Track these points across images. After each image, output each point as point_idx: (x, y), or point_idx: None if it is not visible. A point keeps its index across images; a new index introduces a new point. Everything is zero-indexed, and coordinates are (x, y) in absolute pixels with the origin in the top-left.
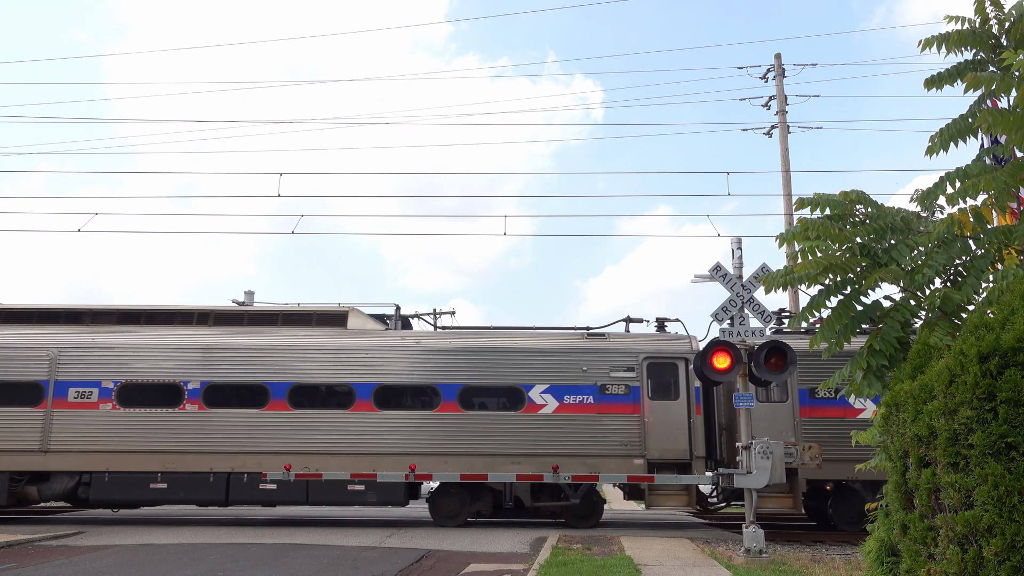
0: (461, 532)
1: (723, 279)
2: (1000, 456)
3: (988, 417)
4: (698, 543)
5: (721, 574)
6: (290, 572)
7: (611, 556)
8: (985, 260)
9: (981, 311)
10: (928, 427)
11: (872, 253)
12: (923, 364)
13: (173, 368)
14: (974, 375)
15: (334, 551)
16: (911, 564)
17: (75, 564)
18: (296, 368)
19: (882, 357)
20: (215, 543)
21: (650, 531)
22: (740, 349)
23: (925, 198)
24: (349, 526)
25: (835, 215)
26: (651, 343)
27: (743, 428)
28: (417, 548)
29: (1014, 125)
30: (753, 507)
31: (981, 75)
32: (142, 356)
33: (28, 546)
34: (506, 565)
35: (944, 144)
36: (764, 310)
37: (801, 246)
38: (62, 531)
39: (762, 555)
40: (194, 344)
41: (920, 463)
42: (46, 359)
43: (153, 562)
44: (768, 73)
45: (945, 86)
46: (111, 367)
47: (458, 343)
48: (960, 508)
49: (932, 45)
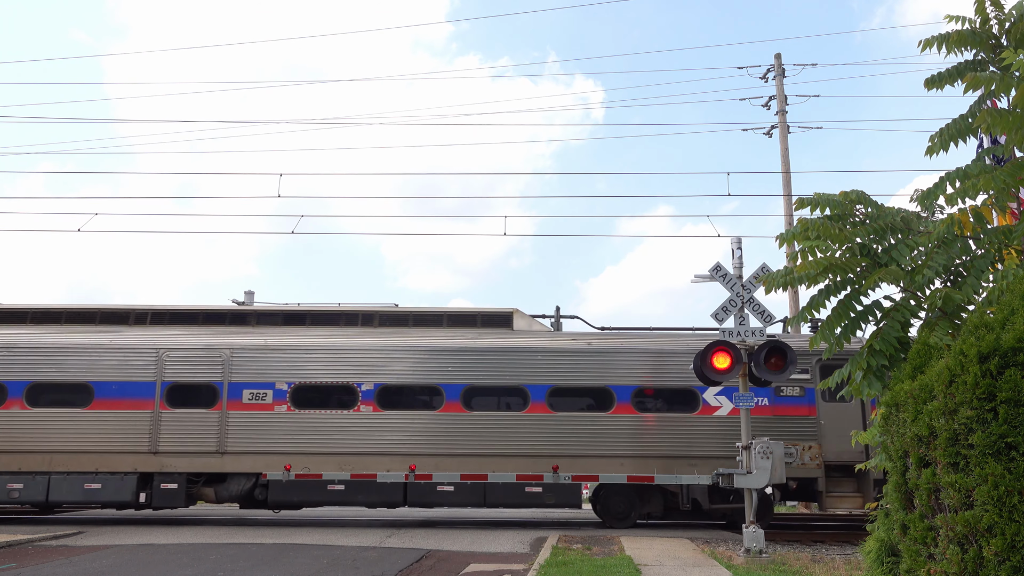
0: (461, 532)
1: (723, 279)
2: (1000, 456)
3: (988, 417)
4: (698, 543)
5: (721, 574)
6: (290, 572)
7: (611, 556)
8: (985, 260)
9: (981, 311)
10: (928, 427)
11: (872, 253)
12: (923, 364)
13: (346, 369)
14: (974, 375)
15: (334, 551)
16: (911, 564)
17: (75, 564)
18: (468, 370)
19: (882, 357)
20: (215, 543)
21: (650, 531)
22: (740, 349)
23: (925, 198)
24: (349, 526)
25: (835, 215)
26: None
27: (743, 428)
28: (417, 548)
29: (1014, 125)
30: (753, 507)
31: (981, 75)
32: (314, 358)
33: (28, 546)
34: (506, 565)
35: (944, 144)
36: (764, 310)
37: (801, 246)
38: (62, 531)
39: (762, 555)
40: (364, 345)
41: (920, 463)
42: (219, 361)
43: (153, 562)
44: (768, 73)
45: (945, 86)
46: (284, 368)
47: (630, 344)
48: (960, 508)
49: (932, 45)
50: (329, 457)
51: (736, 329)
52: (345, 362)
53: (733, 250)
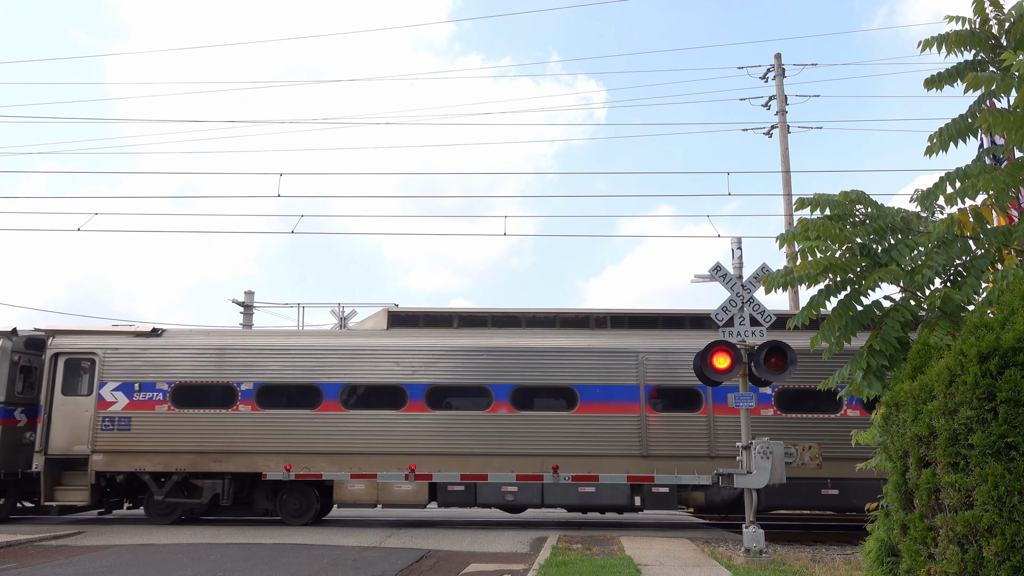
0: (461, 532)
1: (723, 279)
2: (1000, 456)
3: (988, 417)
4: (698, 543)
5: (721, 574)
6: (290, 572)
7: (611, 556)
8: (985, 260)
9: (981, 311)
10: (928, 427)
11: (872, 253)
12: (923, 364)
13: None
14: (974, 375)
15: (334, 551)
16: (911, 564)
17: (75, 564)
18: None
19: (882, 357)
20: (215, 543)
21: (650, 531)
22: (740, 349)
23: (925, 198)
24: (349, 526)
25: (835, 215)
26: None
27: (743, 428)
28: (417, 548)
29: (1014, 125)
30: (753, 507)
31: (981, 76)
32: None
33: (28, 546)
34: (506, 565)
35: (944, 144)
36: (764, 310)
37: (801, 246)
38: (62, 531)
39: (762, 555)
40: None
41: (920, 463)
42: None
43: (153, 562)
44: (768, 73)
45: (945, 86)
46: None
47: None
48: (960, 508)
49: (932, 45)
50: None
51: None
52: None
53: (733, 250)
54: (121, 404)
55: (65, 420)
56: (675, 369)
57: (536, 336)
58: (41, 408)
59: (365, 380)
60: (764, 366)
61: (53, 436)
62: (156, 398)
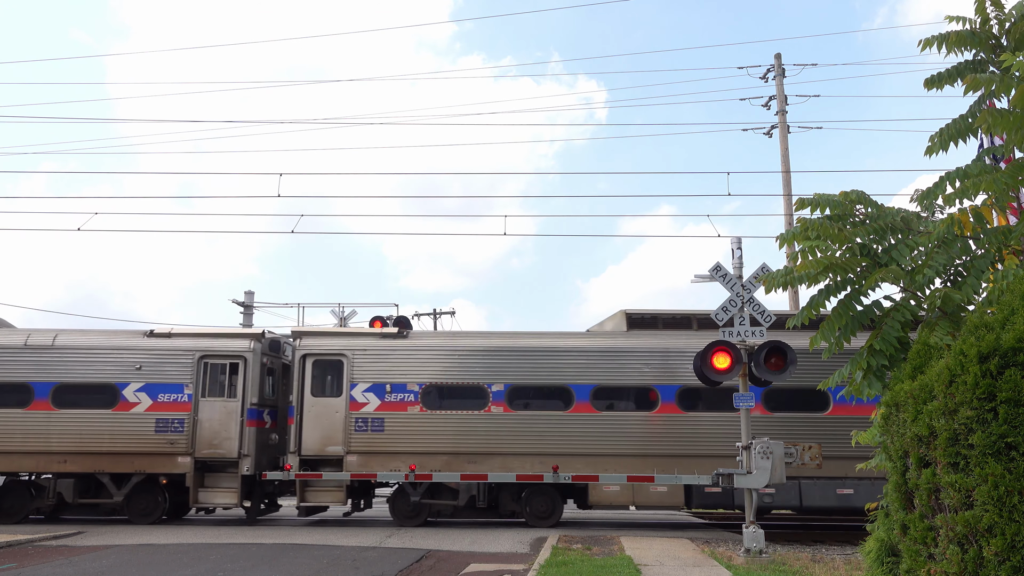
0: (461, 532)
1: (723, 279)
2: (1000, 456)
3: (988, 417)
4: (698, 543)
5: (721, 574)
6: (290, 572)
7: (611, 556)
8: (985, 260)
9: (981, 311)
10: (928, 427)
11: (872, 253)
12: (923, 364)
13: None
14: (974, 375)
15: (334, 551)
16: (911, 564)
17: (75, 564)
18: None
19: (882, 357)
20: (215, 543)
21: (650, 531)
22: (740, 349)
23: (925, 198)
24: (349, 526)
25: (835, 215)
26: None
27: (743, 428)
28: (417, 548)
29: (1014, 125)
30: (753, 507)
31: (981, 76)
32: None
33: (28, 546)
34: (506, 565)
35: (944, 144)
36: (764, 310)
37: (801, 246)
38: (62, 531)
39: (762, 555)
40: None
41: (920, 463)
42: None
43: (153, 562)
44: (768, 73)
45: (945, 86)
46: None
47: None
48: (960, 508)
49: (932, 45)
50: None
51: (737, 330)
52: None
53: (733, 250)
54: (373, 405)
55: (316, 421)
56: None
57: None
58: (293, 409)
59: (613, 382)
60: (764, 366)
61: (305, 437)
62: (407, 399)
